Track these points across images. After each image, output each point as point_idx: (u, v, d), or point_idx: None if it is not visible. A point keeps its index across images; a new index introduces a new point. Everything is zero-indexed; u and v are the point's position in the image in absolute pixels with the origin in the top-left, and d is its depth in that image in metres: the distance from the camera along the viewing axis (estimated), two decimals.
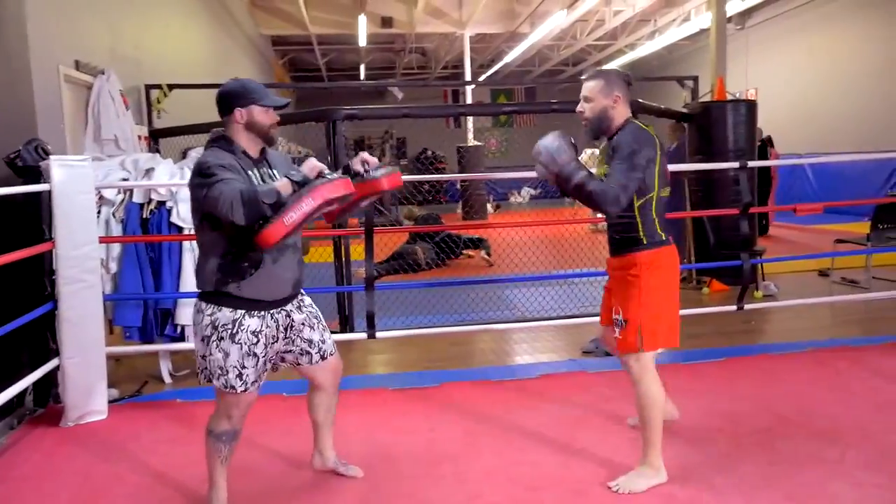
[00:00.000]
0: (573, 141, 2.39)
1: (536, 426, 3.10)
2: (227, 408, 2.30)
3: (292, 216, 2.01)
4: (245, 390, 2.25)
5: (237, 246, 2.17)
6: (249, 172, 2.23)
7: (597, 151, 2.80)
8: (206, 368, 2.25)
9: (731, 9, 11.75)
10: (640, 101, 5.19)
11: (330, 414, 2.62)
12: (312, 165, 2.21)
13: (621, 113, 2.52)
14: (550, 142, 2.36)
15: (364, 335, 3.87)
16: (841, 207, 9.22)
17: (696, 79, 7.59)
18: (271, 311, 2.29)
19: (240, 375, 2.23)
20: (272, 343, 2.32)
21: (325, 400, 2.58)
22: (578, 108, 2.58)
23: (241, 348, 2.21)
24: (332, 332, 4.52)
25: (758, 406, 3.24)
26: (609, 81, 2.52)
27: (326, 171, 2.17)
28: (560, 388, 3.61)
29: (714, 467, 2.64)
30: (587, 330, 4.64)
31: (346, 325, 4.73)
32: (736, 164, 4.40)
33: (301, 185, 2.08)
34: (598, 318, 2.90)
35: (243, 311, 2.22)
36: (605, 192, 2.30)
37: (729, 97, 6.52)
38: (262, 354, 2.28)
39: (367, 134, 18.40)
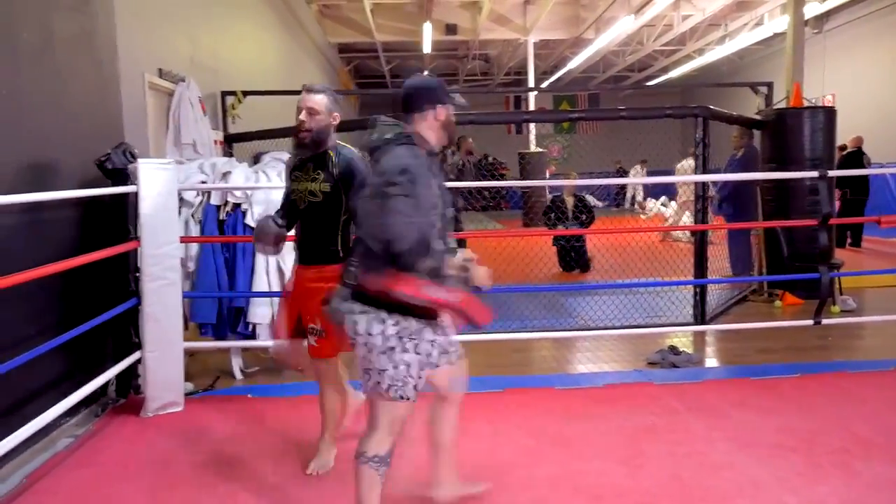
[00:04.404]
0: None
1: (602, 436, 3.06)
2: (393, 422, 2.16)
3: (437, 293, 1.97)
4: (414, 401, 2.16)
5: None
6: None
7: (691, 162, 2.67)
8: (379, 380, 2.10)
9: (809, 12, 11.32)
10: (711, 107, 5.08)
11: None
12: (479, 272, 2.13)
13: (332, 133, 2.68)
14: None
15: None
16: None
17: (770, 85, 7.34)
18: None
19: (415, 386, 2.13)
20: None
21: (453, 413, 2.42)
22: (302, 116, 2.61)
23: (420, 358, 2.13)
24: None
25: (835, 425, 3.11)
26: (334, 99, 2.67)
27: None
28: (626, 398, 3.56)
29: (787, 487, 2.56)
30: (651, 340, 4.56)
31: None
32: (815, 174, 4.23)
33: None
34: (662, 329, 2.84)
35: (426, 320, 2.12)
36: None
37: (805, 104, 6.28)
38: (433, 364, 2.21)
39: None
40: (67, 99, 3.40)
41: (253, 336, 4.01)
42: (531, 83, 16.15)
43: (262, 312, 3.93)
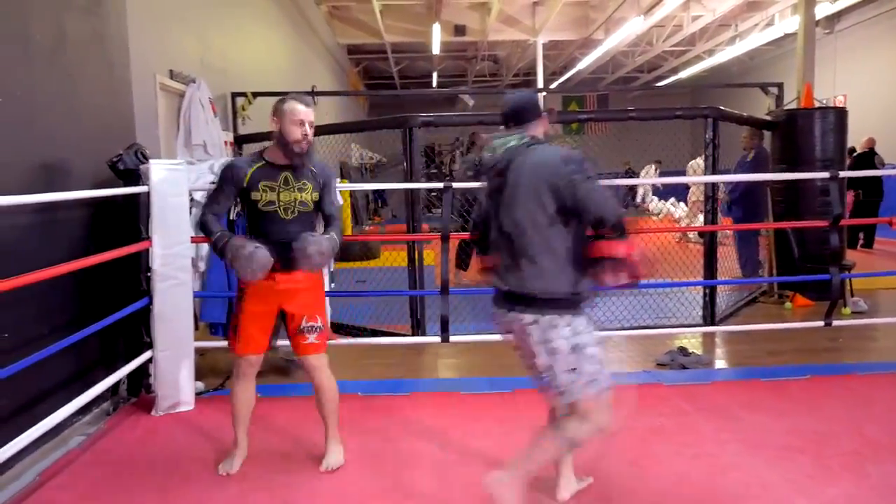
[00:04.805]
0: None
1: (611, 436, 3.05)
2: (600, 412, 2.19)
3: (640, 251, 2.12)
4: (610, 388, 2.19)
5: (581, 245, 2.16)
6: None
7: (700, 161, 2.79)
8: (573, 383, 2.14)
9: (820, 12, 11.25)
10: (721, 108, 5.06)
11: None
12: None
13: None
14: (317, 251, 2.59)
15: (437, 339, 3.92)
16: None
17: (780, 85, 7.30)
18: None
19: (606, 374, 2.18)
20: None
21: None
22: (307, 130, 2.64)
23: (598, 346, 2.18)
24: (404, 336, 4.65)
25: (845, 427, 3.10)
26: None
27: None
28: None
29: (797, 489, 2.55)
30: (660, 341, 4.55)
31: (417, 328, 4.80)
32: (826, 175, 4.21)
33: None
34: (671, 330, 2.83)
35: (584, 314, 2.20)
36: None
37: (816, 104, 6.25)
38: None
39: (438, 141, 18.60)
40: (79, 100, 3.44)
41: None
42: (540, 84, 16.13)
43: None
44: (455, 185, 4.04)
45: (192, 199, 3.98)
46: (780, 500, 2.48)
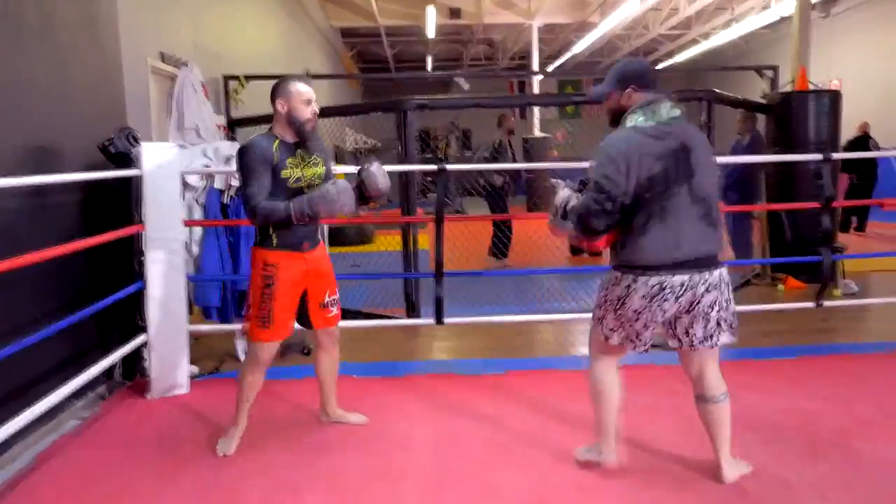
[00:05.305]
0: None
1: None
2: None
3: None
4: None
5: None
6: None
7: None
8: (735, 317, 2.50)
9: None
10: (716, 90, 5.05)
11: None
12: None
13: None
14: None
15: (431, 321, 3.93)
16: None
17: (776, 69, 7.28)
18: None
19: None
20: None
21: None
22: (315, 108, 2.71)
23: None
24: (398, 318, 4.66)
25: (836, 406, 3.13)
26: None
27: None
28: (628, 379, 3.53)
29: (788, 465, 2.58)
30: None
31: (412, 311, 4.82)
32: (819, 157, 4.22)
33: None
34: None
35: None
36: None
37: (811, 87, 6.24)
38: None
39: (433, 125, 18.53)
40: (70, 83, 3.41)
41: None
42: (535, 68, 16.06)
43: None
44: (449, 167, 4.03)
45: (185, 183, 3.97)
46: (772, 477, 2.50)
